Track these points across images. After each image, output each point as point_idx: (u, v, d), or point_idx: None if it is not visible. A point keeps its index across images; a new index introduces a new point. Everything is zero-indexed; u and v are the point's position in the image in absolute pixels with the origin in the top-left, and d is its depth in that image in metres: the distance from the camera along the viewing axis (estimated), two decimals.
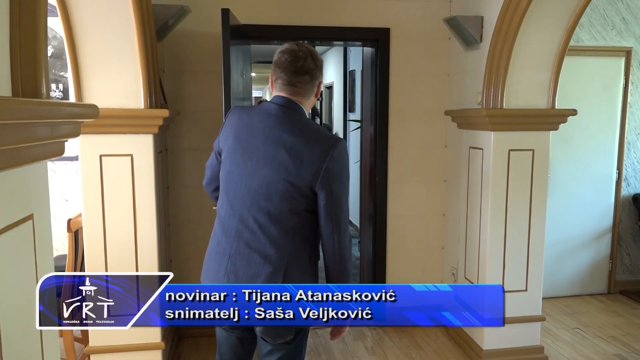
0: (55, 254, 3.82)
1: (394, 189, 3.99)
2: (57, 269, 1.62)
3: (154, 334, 2.99)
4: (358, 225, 5.75)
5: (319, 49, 8.46)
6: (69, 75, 2.78)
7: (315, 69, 1.82)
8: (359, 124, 5.36)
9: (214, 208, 2.11)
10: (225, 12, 2.89)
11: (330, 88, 8.89)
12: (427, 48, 3.89)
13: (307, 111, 1.87)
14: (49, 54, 3.83)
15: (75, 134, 1.50)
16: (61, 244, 4.02)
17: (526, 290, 3.35)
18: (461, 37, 3.51)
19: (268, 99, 2.00)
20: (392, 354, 3.53)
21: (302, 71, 1.79)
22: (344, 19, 3.77)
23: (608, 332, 3.94)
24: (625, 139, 4.60)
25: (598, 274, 4.70)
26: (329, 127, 8.21)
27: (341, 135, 7.90)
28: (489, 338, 3.35)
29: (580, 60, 4.39)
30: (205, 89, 3.62)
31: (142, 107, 2.84)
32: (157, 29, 3.05)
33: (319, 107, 7.99)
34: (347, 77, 7.44)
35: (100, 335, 2.91)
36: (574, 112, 3.27)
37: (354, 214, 7.08)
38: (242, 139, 1.79)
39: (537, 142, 3.28)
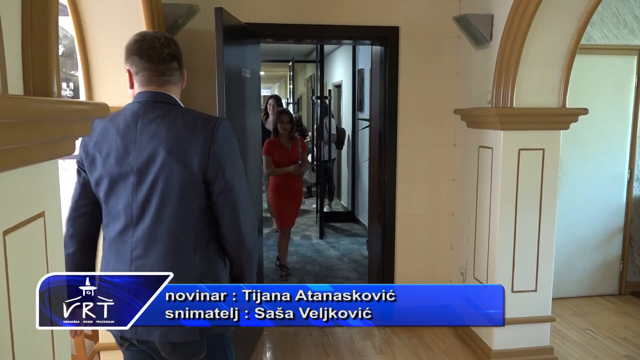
0: None
1: (402, 188, 3.98)
2: None
3: None
4: (367, 225, 5.75)
5: (327, 47, 8.46)
6: (80, 74, 2.79)
7: (177, 54, 1.82)
8: (368, 123, 5.36)
9: None
10: (219, 11, 2.86)
11: (339, 87, 8.88)
12: (437, 47, 3.88)
13: (177, 97, 1.70)
14: (60, 53, 3.86)
15: (86, 133, 1.51)
16: None
17: (536, 290, 3.33)
18: (471, 36, 3.49)
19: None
20: (400, 354, 3.52)
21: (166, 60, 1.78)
22: (353, 18, 3.76)
23: (619, 333, 3.90)
24: (637, 138, 4.55)
25: (609, 275, 4.66)
26: (341, 129, 8.13)
27: (351, 135, 7.87)
28: (498, 338, 3.33)
29: (591, 58, 4.35)
30: (215, 88, 3.62)
31: None
32: (166, 28, 3.06)
33: (328, 104, 7.96)
34: (356, 75, 7.43)
35: (109, 332, 2.92)
36: (585, 111, 3.24)
37: (363, 213, 7.08)
38: (116, 150, 1.58)
39: (548, 141, 3.25)
